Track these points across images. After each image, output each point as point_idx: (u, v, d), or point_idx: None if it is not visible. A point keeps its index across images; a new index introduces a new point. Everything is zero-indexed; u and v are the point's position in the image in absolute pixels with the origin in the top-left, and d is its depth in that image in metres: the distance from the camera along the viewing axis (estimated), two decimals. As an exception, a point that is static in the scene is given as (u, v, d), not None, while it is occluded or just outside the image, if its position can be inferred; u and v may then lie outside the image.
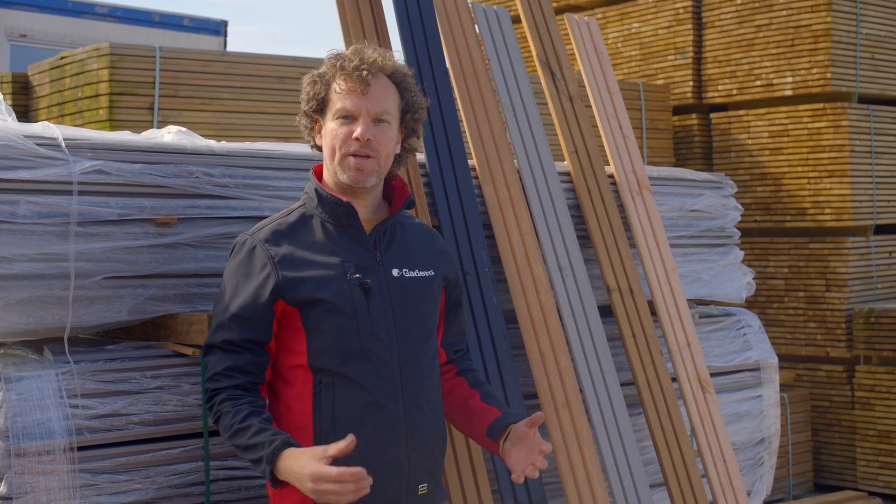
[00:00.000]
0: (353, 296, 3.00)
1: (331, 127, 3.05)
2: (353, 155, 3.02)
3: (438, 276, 3.18)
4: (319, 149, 3.14)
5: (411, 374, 3.06)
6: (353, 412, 2.97)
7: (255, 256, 2.98)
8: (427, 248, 3.21)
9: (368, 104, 3.03)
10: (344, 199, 3.04)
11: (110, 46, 6.79)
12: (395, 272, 3.08)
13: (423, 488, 3.06)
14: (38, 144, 3.22)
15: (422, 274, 3.14)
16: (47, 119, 7.17)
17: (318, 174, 3.14)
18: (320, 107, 3.09)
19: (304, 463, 2.73)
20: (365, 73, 3.03)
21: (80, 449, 3.14)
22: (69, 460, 3.11)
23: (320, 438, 2.93)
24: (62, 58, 7.23)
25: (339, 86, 3.05)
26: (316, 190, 3.08)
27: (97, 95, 6.76)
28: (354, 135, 3.01)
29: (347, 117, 3.03)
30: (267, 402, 2.98)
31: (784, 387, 8.58)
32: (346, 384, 2.98)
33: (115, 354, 3.33)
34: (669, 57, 9.66)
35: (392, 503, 3.00)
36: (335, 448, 2.72)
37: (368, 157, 3.02)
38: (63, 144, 3.28)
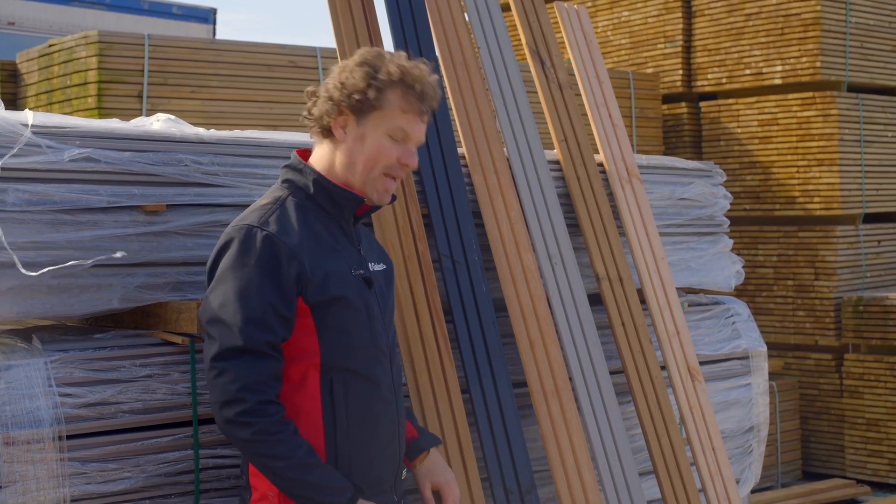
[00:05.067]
0: (361, 291, 2.99)
1: (381, 141, 2.95)
2: (389, 176, 2.99)
3: (390, 269, 3.23)
4: (326, 134, 3.01)
5: (396, 366, 3.13)
6: (366, 408, 2.99)
7: (278, 249, 2.85)
8: (375, 241, 3.26)
9: (421, 134, 3.01)
10: (360, 195, 2.99)
11: (99, 34, 6.78)
12: (370, 266, 3.08)
13: (405, 473, 3.17)
14: (26, 133, 3.21)
15: (383, 267, 3.17)
16: (36, 107, 7.16)
17: (305, 160, 3.05)
18: (362, 106, 2.94)
19: None
20: (434, 104, 2.99)
21: (69, 437, 3.14)
22: (58, 449, 3.11)
23: (333, 437, 2.93)
24: (51, 45, 7.22)
25: (403, 104, 2.94)
26: (318, 181, 2.98)
27: (86, 83, 6.75)
28: (404, 160, 2.97)
29: (399, 138, 2.97)
30: None
31: (773, 375, 8.61)
32: (358, 380, 2.97)
33: (104, 343, 3.32)
34: (659, 45, 9.67)
35: (387, 489, 3.07)
36: None
37: (397, 178, 3.02)
38: (52, 132, 3.27)
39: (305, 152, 3.11)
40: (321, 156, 3.04)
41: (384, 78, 2.93)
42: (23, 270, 3.12)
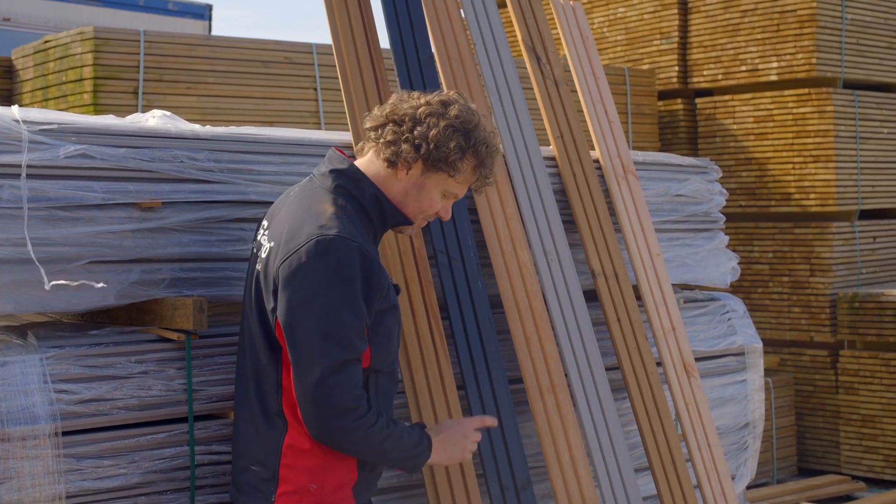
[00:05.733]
0: (397, 297, 3.15)
1: (435, 197, 3.15)
2: (425, 220, 3.22)
3: None
4: (390, 165, 3.12)
5: None
6: (388, 400, 3.18)
7: (369, 262, 2.98)
8: None
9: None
10: (412, 220, 3.20)
11: (94, 30, 6.77)
12: None
13: None
14: (22, 129, 3.21)
15: None
16: (31, 103, 7.16)
17: (353, 164, 3.16)
18: (437, 166, 3.10)
19: (456, 423, 3.26)
20: (488, 185, 3.21)
21: (64, 434, 3.14)
22: (54, 445, 3.11)
23: None
24: (46, 42, 7.21)
25: (470, 177, 3.15)
26: (377, 197, 3.11)
27: (81, 80, 6.74)
28: (441, 213, 3.19)
29: (449, 197, 3.18)
30: None
31: (768, 371, 8.62)
32: (388, 379, 3.17)
33: (100, 339, 3.32)
34: (655, 42, 9.67)
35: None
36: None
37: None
38: (47, 129, 3.26)
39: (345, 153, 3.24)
40: (376, 171, 3.16)
41: (470, 154, 3.11)
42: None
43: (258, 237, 3.19)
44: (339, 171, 3.12)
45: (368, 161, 3.16)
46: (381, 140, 3.11)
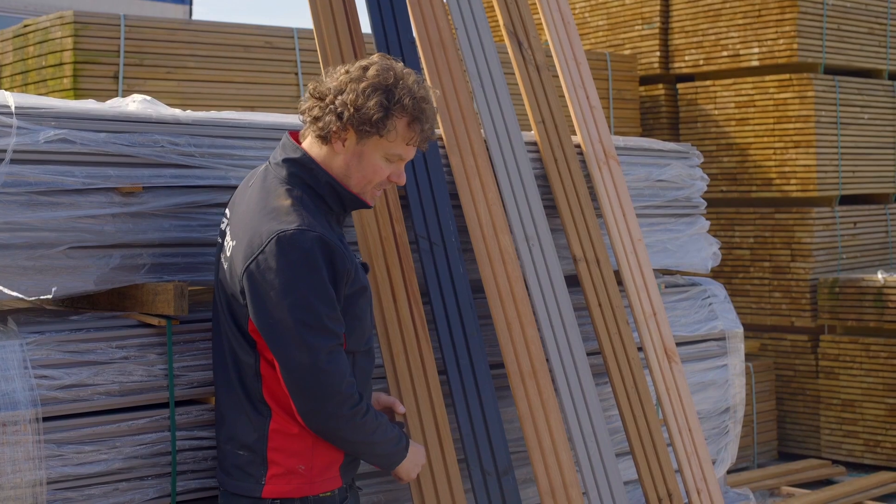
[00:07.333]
0: (366, 277, 3.18)
1: (377, 163, 3.10)
2: (379, 187, 3.17)
3: None
4: (324, 141, 3.10)
5: None
6: (366, 379, 3.23)
7: (332, 250, 2.99)
8: None
9: (413, 155, 3.17)
10: (370, 203, 3.19)
11: (74, 14, 6.74)
12: None
13: None
14: (0, 114, 3.19)
15: None
16: (11, 88, 7.12)
17: (308, 153, 3.14)
18: (367, 131, 3.06)
19: (416, 445, 3.32)
20: (431, 137, 3.14)
21: (45, 420, 3.13)
22: (34, 431, 3.10)
23: None
24: (25, 26, 7.17)
25: (406, 135, 3.08)
26: (331, 185, 3.10)
27: (61, 64, 6.71)
28: (394, 179, 3.14)
29: (394, 160, 3.12)
30: None
31: (749, 356, 8.65)
32: (363, 357, 3.20)
33: (80, 325, 3.31)
34: (636, 27, 9.67)
35: None
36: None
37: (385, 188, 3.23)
38: (27, 113, 3.25)
39: (297, 136, 3.21)
40: (321, 155, 3.14)
41: (396, 110, 3.04)
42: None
43: (222, 226, 3.23)
44: (293, 160, 3.12)
45: (310, 144, 3.15)
46: (310, 117, 3.12)
